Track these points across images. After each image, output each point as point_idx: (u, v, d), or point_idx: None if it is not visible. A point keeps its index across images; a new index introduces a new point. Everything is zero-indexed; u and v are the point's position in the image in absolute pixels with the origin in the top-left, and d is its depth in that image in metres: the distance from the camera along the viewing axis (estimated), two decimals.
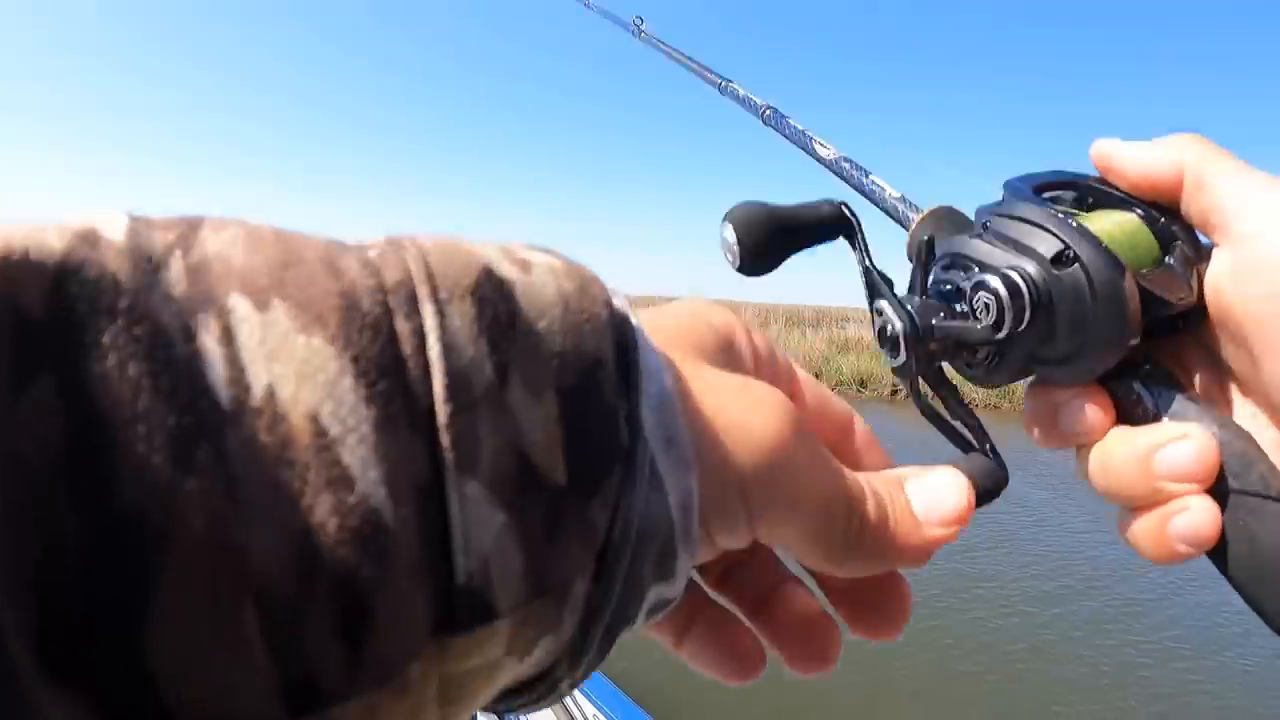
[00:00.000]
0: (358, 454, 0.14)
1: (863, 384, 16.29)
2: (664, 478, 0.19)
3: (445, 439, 0.15)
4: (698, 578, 0.26)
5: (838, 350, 17.50)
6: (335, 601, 0.14)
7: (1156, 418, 0.30)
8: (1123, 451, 0.30)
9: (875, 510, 0.22)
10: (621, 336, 0.18)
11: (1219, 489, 0.29)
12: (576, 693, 3.19)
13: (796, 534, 0.21)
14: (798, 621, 0.25)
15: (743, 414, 0.20)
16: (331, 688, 0.14)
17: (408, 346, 0.15)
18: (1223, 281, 0.30)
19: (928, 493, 0.24)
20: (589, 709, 3.11)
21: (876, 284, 0.34)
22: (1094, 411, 0.31)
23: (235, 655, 0.13)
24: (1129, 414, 0.31)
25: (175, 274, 0.14)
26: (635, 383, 0.18)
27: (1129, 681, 4.65)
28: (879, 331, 0.34)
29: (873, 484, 0.23)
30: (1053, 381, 0.32)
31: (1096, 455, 0.31)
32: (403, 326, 0.15)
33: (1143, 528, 0.29)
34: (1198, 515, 0.28)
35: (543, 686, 0.19)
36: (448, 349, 0.16)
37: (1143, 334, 0.30)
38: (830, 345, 17.93)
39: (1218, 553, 0.29)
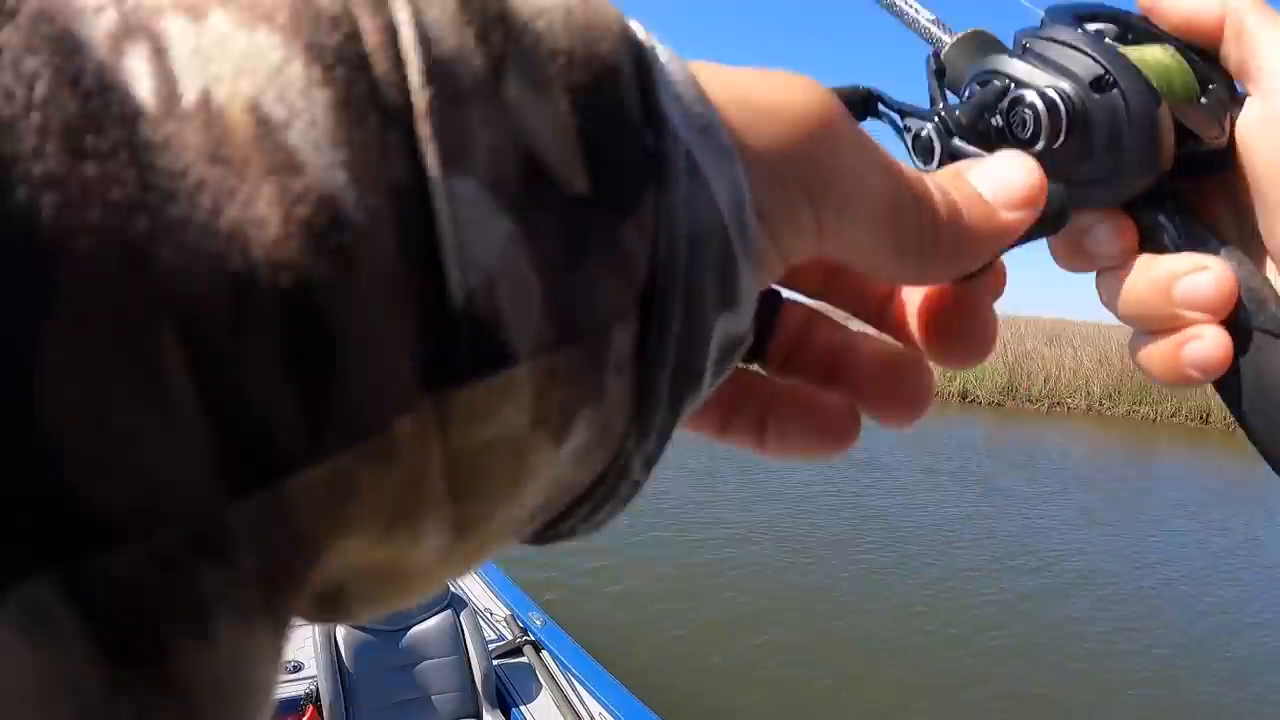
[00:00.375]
0: (309, 137, 0.11)
1: None
2: (705, 171, 0.15)
3: (425, 128, 0.12)
4: (760, 370, 0.24)
5: None
6: (285, 321, 0.11)
7: (1178, 250, 0.31)
8: (1144, 277, 0.31)
9: (943, 202, 0.20)
10: (640, 53, 0.15)
11: (1233, 323, 0.30)
12: (581, 689, 3.20)
13: (867, 236, 0.18)
14: (881, 365, 0.22)
15: (777, 95, 0.17)
16: (285, 446, 0.11)
17: (373, 40, 0.12)
18: (1250, 129, 0.31)
19: (991, 175, 0.21)
20: (594, 706, 3.12)
21: (908, 114, 0.35)
22: (1119, 236, 0.32)
23: (155, 405, 0.10)
24: (1152, 242, 0.32)
25: (107, 18, 0.11)
26: (656, 85, 0.15)
27: (1110, 664, 4.67)
28: (911, 141, 0.34)
29: (933, 178, 0.20)
30: (1083, 203, 0.33)
31: (1118, 279, 0.32)
32: (368, 23, 0.12)
33: (1156, 350, 0.31)
34: (1210, 344, 0.29)
35: (608, 482, 0.16)
36: (425, 38, 0.12)
37: (1173, 172, 0.31)
38: None
39: (1227, 386, 0.31)
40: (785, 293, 0.23)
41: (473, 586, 4.01)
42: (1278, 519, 8.54)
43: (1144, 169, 0.31)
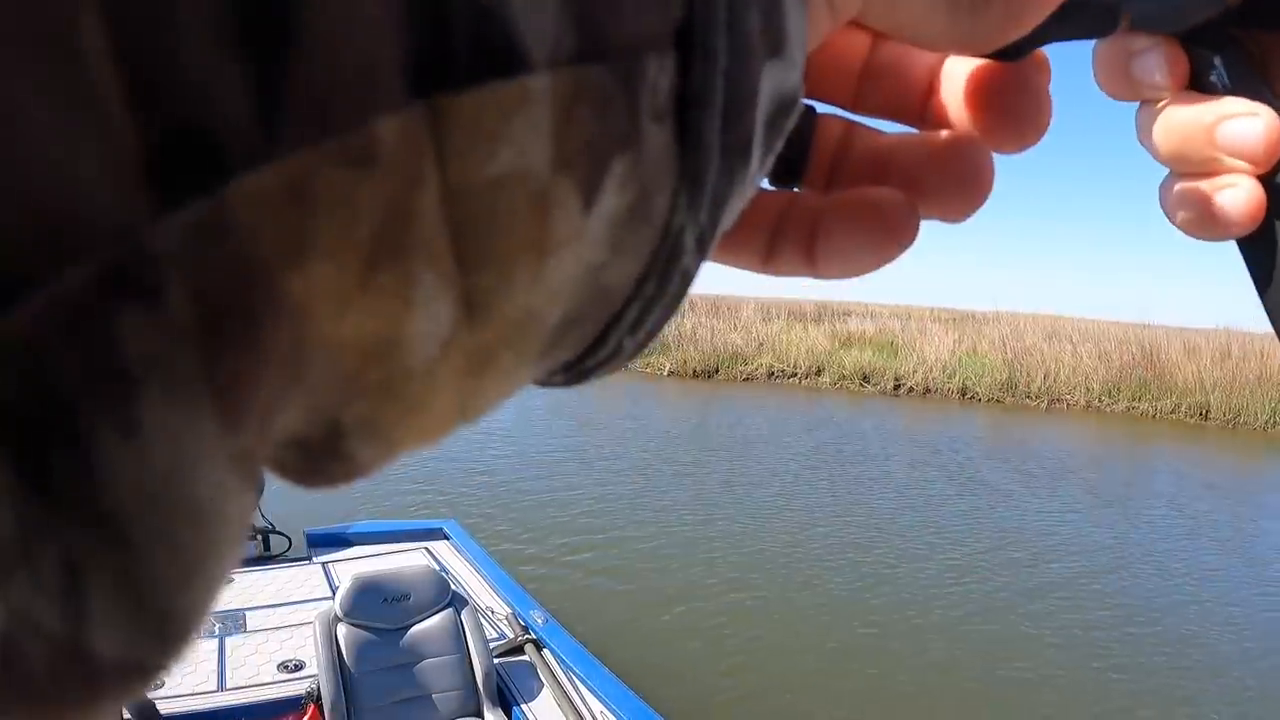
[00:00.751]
0: None
1: (865, 378, 16.29)
2: None
3: None
4: (802, 190, 0.22)
5: (840, 345, 17.50)
6: None
7: (1229, 95, 0.30)
8: (1189, 113, 0.29)
9: None
10: None
11: (1272, 181, 0.29)
12: (582, 688, 3.21)
13: None
14: (935, 151, 0.20)
15: None
16: (230, 138, 0.09)
17: None
18: None
19: None
20: (596, 705, 3.12)
21: None
22: (1170, 66, 0.30)
23: (68, 93, 0.08)
24: (1202, 82, 0.30)
25: None
26: None
27: (1081, 642, 4.74)
28: None
29: None
30: (1140, 21, 0.30)
31: (1160, 112, 0.30)
32: None
33: (1187, 193, 0.29)
34: (1245, 194, 0.28)
35: (657, 268, 0.13)
36: None
37: (1239, 14, 0.30)
38: (833, 340, 17.93)
39: (1252, 249, 0.30)
40: (820, 107, 0.22)
41: (474, 585, 4.03)
42: (1264, 514, 8.56)
43: None
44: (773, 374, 16.24)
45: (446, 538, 4.68)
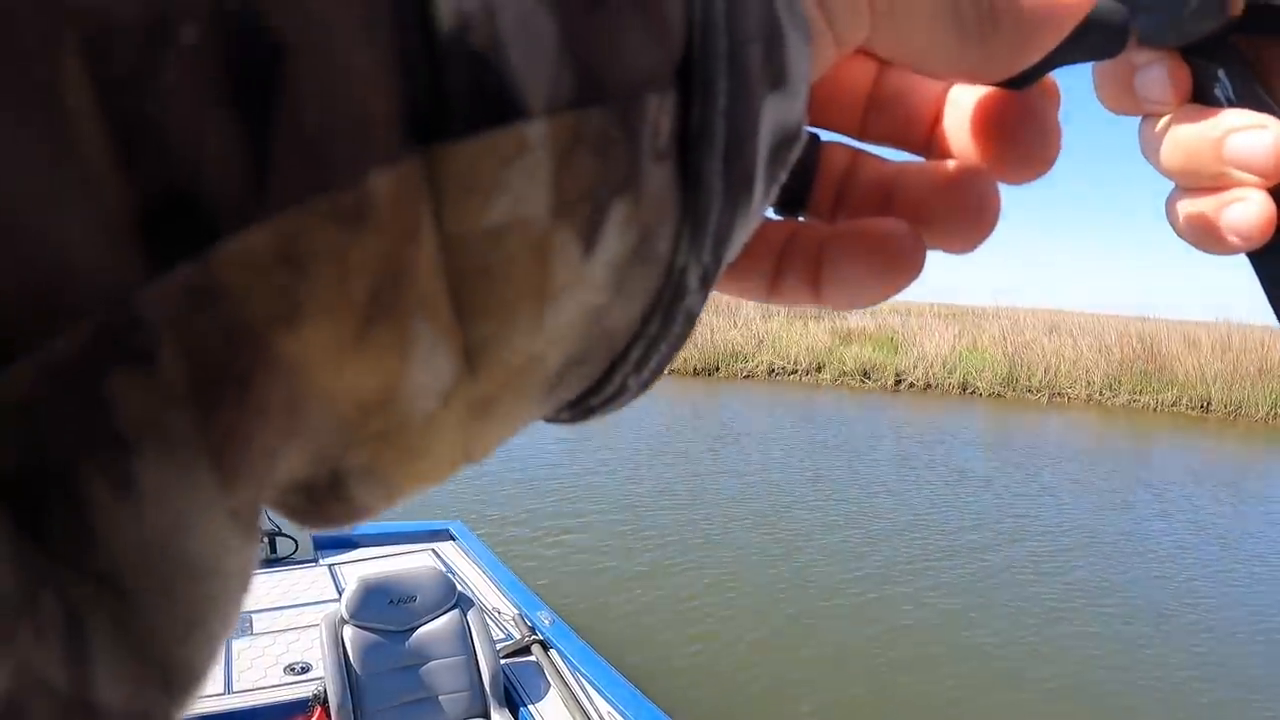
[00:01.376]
0: None
1: (866, 375, 16.28)
2: None
3: None
4: (806, 218, 0.22)
5: (841, 341, 17.50)
6: (217, 28, 0.08)
7: (1232, 107, 0.30)
8: (1196, 128, 0.29)
9: None
10: None
11: None
12: (589, 688, 3.21)
13: (924, 18, 0.16)
14: (941, 180, 0.20)
15: None
16: (218, 199, 0.08)
17: None
18: None
19: None
20: (603, 706, 3.13)
21: None
22: (1173, 81, 0.29)
23: (56, 157, 0.08)
24: (1205, 95, 0.30)
25: None
26: None
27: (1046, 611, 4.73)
28: None
29: None
30: (1143, 36, 0.30)
31: (1165, 127, 0.30)
32: None
33: (1195, 209, 0.29)
34: (1254, 208, 0.27)
35: (661, 307, 0.13)
36: None
37: (1241, 26, 0.29)
38: (834, 336, 17.92)
39: (1263, 262, 0.29)
40: (824, 135, 0.22)
41: (480, 586, 4.03)
42: (1247, 504, 8.57)
43: (1211, 11, 0.29)
44: (773, 371, 16.23)
45: (453, 539, 4.69)
